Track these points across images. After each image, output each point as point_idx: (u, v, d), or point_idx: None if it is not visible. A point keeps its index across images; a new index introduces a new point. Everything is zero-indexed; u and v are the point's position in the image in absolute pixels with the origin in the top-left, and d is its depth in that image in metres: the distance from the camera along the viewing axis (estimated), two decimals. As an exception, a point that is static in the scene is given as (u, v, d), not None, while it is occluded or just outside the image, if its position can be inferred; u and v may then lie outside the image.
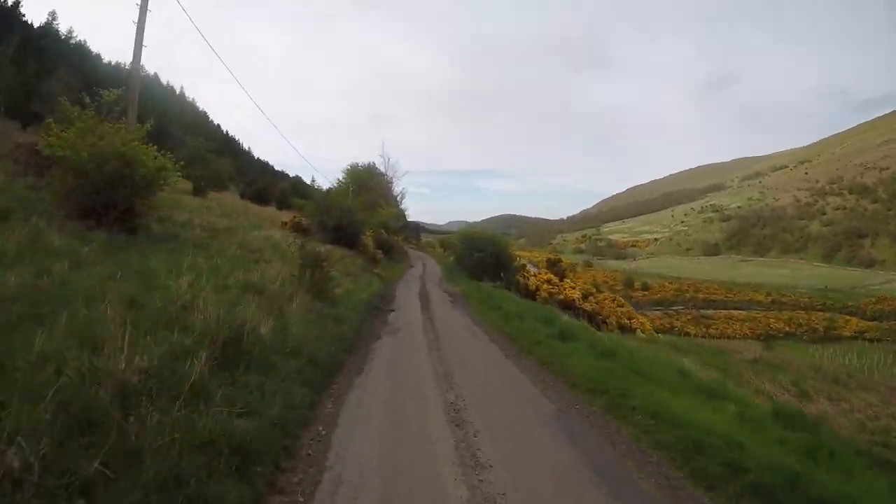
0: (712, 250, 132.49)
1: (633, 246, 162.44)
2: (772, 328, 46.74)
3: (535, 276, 28.69)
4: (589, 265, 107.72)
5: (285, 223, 20.72)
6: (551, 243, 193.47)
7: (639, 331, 27.48)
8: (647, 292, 62.48)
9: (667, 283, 70.03)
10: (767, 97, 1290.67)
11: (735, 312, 54.56)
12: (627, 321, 29.13)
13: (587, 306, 26.63)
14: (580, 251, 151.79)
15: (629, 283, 67.01)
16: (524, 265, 32.87)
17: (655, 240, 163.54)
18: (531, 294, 24.09)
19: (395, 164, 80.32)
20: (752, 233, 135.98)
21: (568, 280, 32.61)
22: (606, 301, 31.63)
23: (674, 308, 54.98)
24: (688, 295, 61.68)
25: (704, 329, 44.71)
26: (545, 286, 26.32)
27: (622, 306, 32.45)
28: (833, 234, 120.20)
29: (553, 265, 36.37)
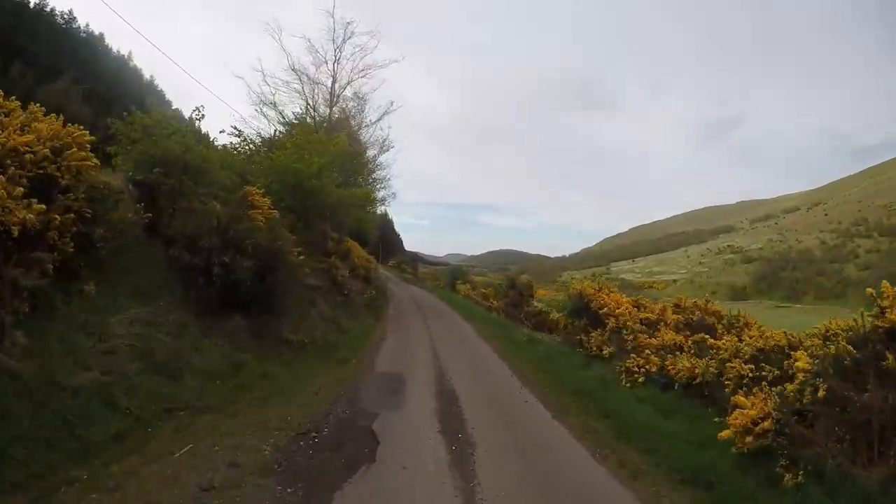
0: (740, 294, 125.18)
1: (650, 287, 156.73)
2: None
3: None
4: None
5: None
6: (557, 280, 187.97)
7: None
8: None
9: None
10: (767, 142, 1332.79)
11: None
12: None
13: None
14: None
15: None
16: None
17: (674, 281, 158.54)
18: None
19: (367, 48, 28.39)
20: (781, 276, 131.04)
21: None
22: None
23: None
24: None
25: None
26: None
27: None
28: (875, 278, 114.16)
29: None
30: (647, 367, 9.36)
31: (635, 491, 4.84)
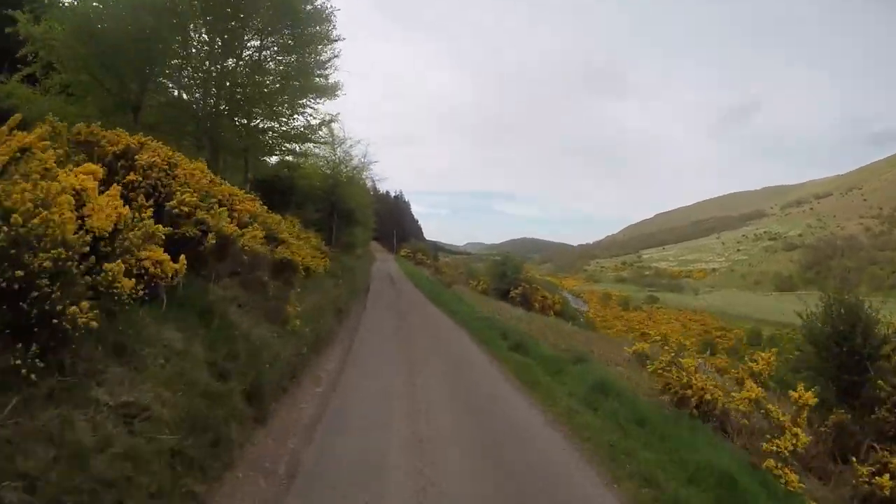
0: (786, 284, 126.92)
1: (686, 276, 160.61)
2: None
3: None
4: (654, 300, 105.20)
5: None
6: (585, 270, 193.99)
7: None
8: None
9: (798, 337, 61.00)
10: (784, 129, 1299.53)
11: None
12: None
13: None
14: (622, 280, 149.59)
15: (754, 340, 52.42)
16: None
17: (713, 270, 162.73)
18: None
19: None
20: (830, 265, 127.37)
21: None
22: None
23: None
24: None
25: None
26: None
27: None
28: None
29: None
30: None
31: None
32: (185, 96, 14.23)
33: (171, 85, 13.89)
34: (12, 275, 2.68)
